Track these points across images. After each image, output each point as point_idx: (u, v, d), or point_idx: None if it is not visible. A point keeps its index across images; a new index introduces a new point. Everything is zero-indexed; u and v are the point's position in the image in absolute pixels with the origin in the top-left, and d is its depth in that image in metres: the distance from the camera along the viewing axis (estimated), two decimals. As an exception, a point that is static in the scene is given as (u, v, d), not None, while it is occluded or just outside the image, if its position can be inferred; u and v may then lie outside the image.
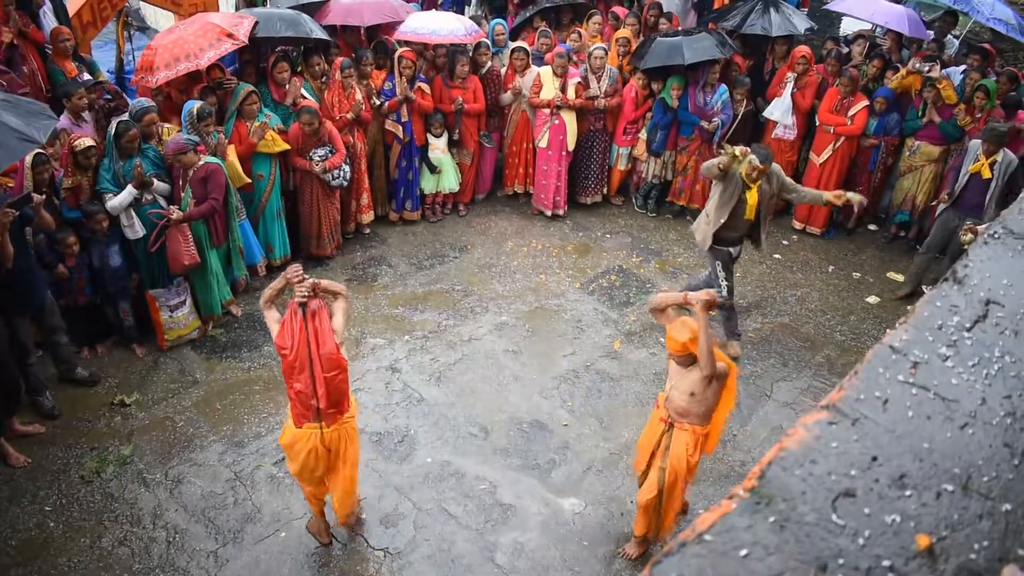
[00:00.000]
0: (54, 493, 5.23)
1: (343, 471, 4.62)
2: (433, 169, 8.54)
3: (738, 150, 6.12)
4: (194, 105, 6.57)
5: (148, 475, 5.39)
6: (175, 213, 6.18)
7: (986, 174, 7.04)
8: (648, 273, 8.00)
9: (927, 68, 7.95)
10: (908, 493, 0.99)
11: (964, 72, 8.22)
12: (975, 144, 7.22)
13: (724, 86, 8.36)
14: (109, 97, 7.10)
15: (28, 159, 5.51)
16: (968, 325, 1.24)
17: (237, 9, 9.11)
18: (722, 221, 6.35)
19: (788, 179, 6.55)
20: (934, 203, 7.95)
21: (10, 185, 5.66)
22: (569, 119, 8.53)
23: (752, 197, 6.27)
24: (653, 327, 7.06)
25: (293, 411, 4.51)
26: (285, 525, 5.03)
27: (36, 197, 5.36)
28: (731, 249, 6.63)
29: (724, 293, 6.48)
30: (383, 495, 5.26)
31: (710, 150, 8.50)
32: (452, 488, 5.33)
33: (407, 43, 8.29)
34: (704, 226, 6.56)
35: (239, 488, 5.29)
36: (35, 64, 7.23)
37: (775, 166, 6.38)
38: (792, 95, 8.31)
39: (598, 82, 8.50)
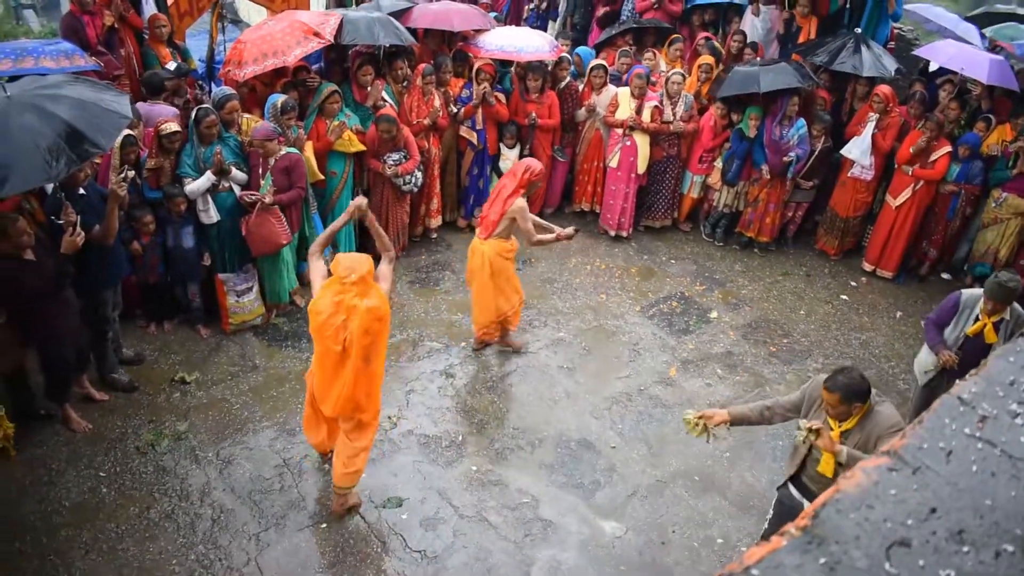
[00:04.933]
0: (110, 460, 5.38)
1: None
2: (503, 179, 8.58)
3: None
4: (279, 98, 6.71)
5: (200, 453, 5.51)
6: (268, 196, 6.34)
7: (990, 338, 5.36)
8: (710, 302, 7.91)
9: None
10: (966, 549, 0.96)
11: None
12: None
13: (802, 120, 8.24)
14: (202, 87, 7.31)
15: (118, 139, 5.70)
16: (1043, 383, 1.20)
17: (327, 8, 9.31)
18: (796, 465, 4.32)
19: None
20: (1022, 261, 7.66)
21: (97, 162, 5.87)
22: (641, 142, 8.49)
23: (828, 459, 4.06)
24: (711, 357, 6.98)
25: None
26: (328, 517, 5.08)
27: (128, 173, 5.56)
28: (797, 499, 4.37)
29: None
30: (426, 497, 5.28)
31: (783, 184, 8.39)
32: (494, 498, 5.32)
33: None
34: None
35: (286, 475, 5.37)
36: (132, 48, 7.50)
37: (886, 412, 3.97)
38: (873, 135, 8.15)
39: (673, 107, 8.46)
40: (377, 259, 4.87)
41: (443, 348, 6.83)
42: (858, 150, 8.21)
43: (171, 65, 7.17)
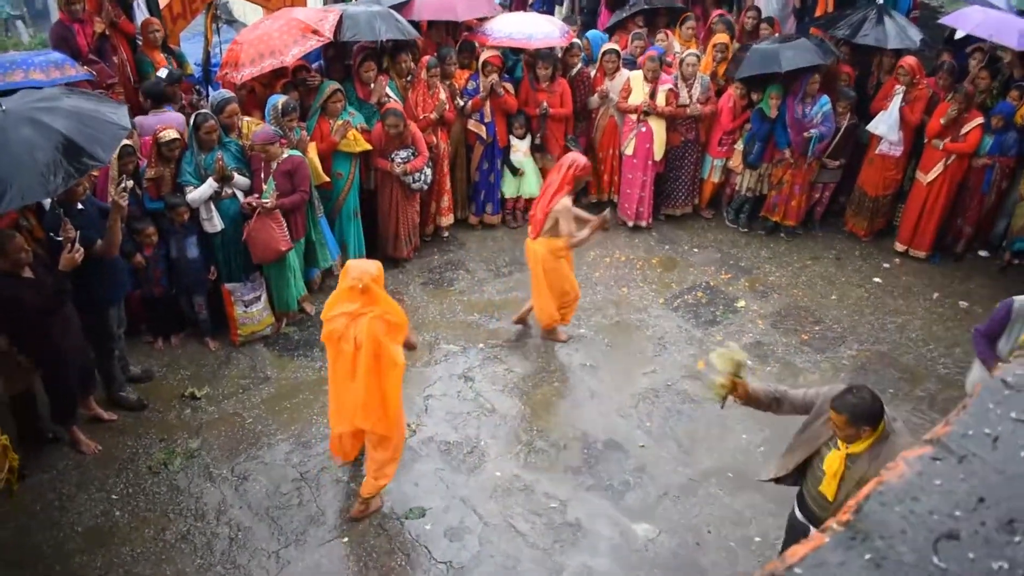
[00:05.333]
0: (122, 482, 5.41)
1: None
2: (515, 171, 8.58)
3: (722, 371, 4.00)
4: (279, 99, 6.73)
5: (214, 470, 5.54)
6: (269, 201, 6.37)
7: None
8: (737, 291, 7.89)
9: None
10: (1017, 539, 0.96)
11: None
12: None
13: (826, 97, 8.19)
14: (199, 91, 7.34)
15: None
16: (1091, 362, 1.19)
17: (325, 3, 9.32)
18: (786, 469, 4.10)
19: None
20: None
21: (95, 175, 5.91)
22: (657, 127, 8.48)
23: (833, 463, 3.76)
24: (741, 347, 6.94)
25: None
26: (349, 530, 5.10)
27: (127, 184, 5.59)
28: (801, 521, 4.12)
29: None
30: (449, 506, 5.28)
31: (808, 165, 8.35)
32: (520, 504, 5.33)
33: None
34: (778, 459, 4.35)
35: (304, 489, 5.39)
36: (125, 55, 7.52)
37: (902, 442, 3.60)
38: (900, 109, 8.08)
39: (689, 90, 8.43)
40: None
41: (460, 351, 6.84)
42: (885, 125, 8.15)
43: (162, 72, 7.19)
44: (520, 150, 8.54)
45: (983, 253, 8.68)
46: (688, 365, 6.74)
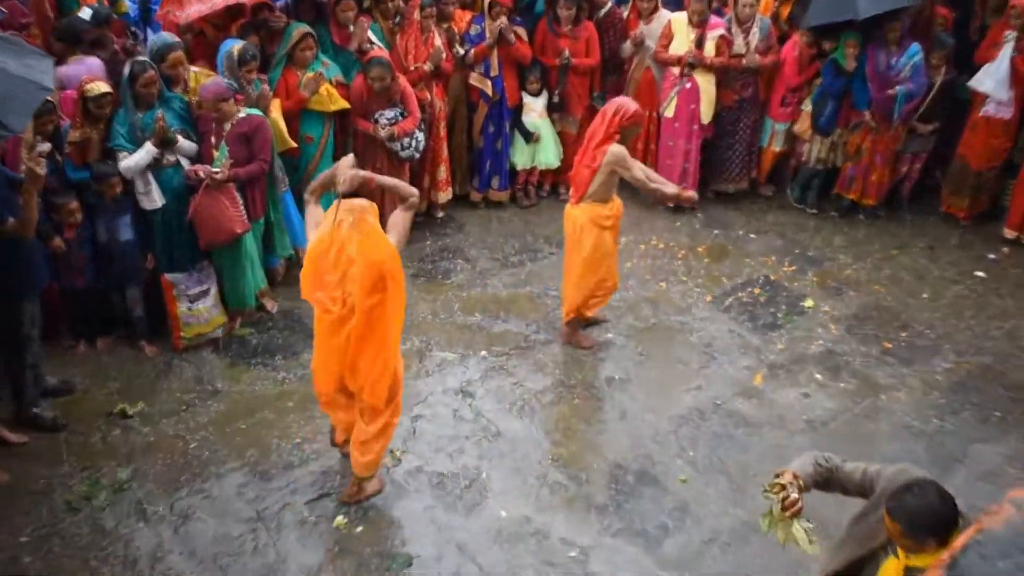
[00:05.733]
0: (33, 521, 5.34)
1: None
2: (529, 137, 8.54)
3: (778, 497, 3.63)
4: (234, 45, 6.68)
5: (149, 506, 5.47)
6: (221, 171, 6.32)
7: None
8: (803, 287, 7.83)
9: None
10: None
11: None
12: None
13: (916, 45, 8.12)
14: (135, 34, 7.29)
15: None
16: None
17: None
18: (834, 568, 3.72)
19: None
20: None
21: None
22: (705, 83, 8.44)
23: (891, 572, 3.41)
24: (807, 359, 6.89)
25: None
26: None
27: (42, 147, 5.53)
28: None
29: None
30: (443, 554, 5.23)
31: (895, 130, 8.26)
32: (531, 552, 5.26)
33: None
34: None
35: (261, 532, 5.34)
36: (43, -12, 7.47)
37: None
38: (1011, 60, 7.98)
39: (746, 37, 8.38)
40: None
41: (458, 360, 6.80)
42: (992, 81, 8.05)
43: (85, 13, 7.12)
44: (535, 110, 8.50)
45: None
46: (742, 380, 6.68)
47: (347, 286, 4.67)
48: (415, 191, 5.22)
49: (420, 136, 7.57)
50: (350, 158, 5.16)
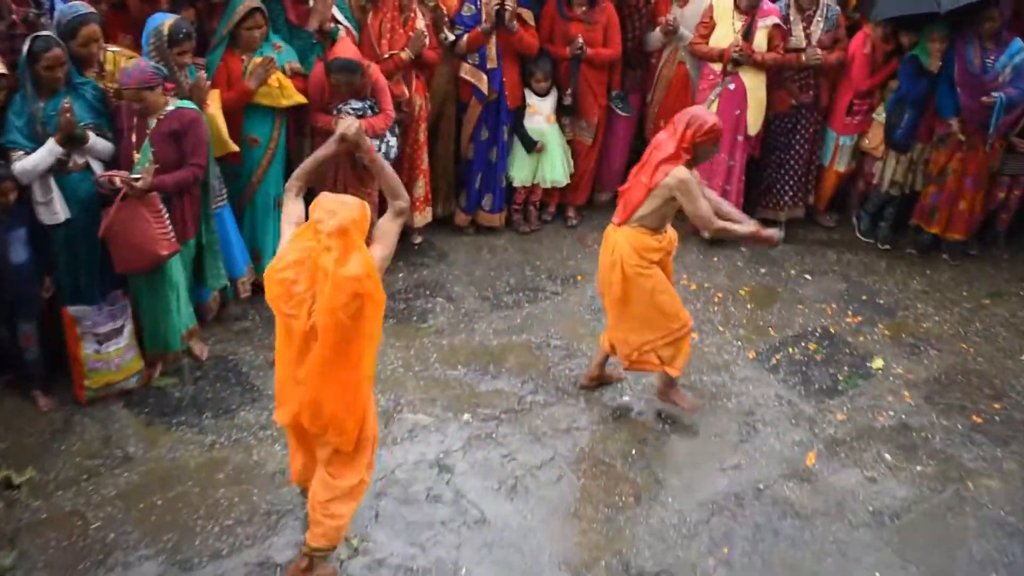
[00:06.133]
0: None
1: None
2: (532, 146, 8.54)
3: None
4: (164, 21, 6.63)
5: (37, 603, 5.38)
6: (143, 178, 6.24)
7: None
8: (871, 343, 7.82)
9: None
10: None
11: None
12: None
13: (1020, 41, 8.15)
14: (39, 2, 7.24)
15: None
16: None
17: None
18: None
19: None
20: None
21: None
22: (753, 84, 8.46)
23: None
24: (873, 433, 6.85)
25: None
26: None
27: None
28: None
29: None
30: (407, 676, 5.14)
31: (990, 147, 8.22)
32: None
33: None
34: None
35: (178, 638, 5.25)
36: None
37: None
38: None
39: (806, 27, 8.39)
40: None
41: (434, 425, 6.74)
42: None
43: None
44: (541, 113, 8.51)
45: None
46: (792, 458, 6.63)
47: (317, 301, 4.66)
48: (406, 196, 5.30)
49: (392, 141, 7.56)
50: (351, 122, 5.32)
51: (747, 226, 6.31)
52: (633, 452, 6.60)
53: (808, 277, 8.53)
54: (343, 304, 4.58)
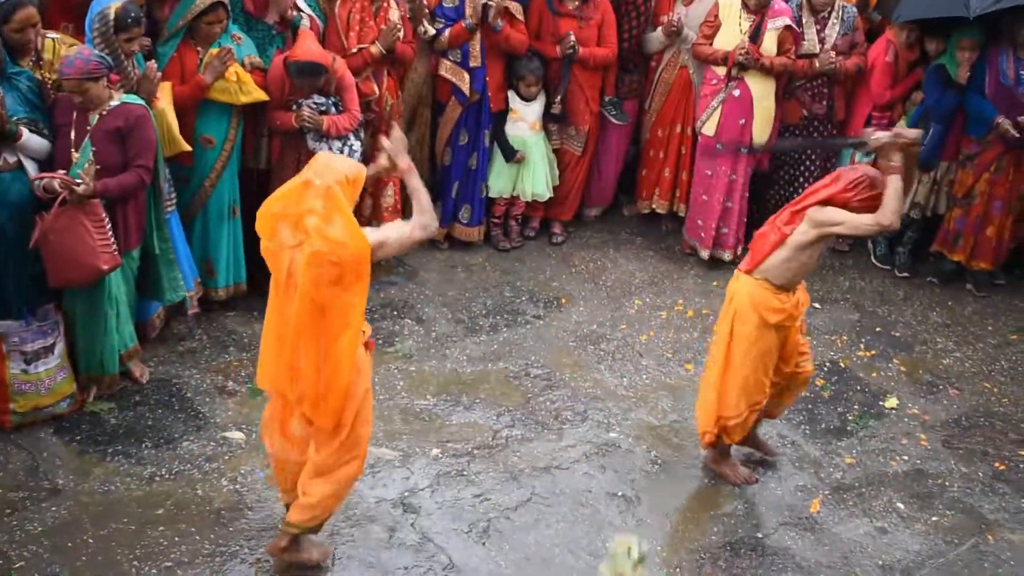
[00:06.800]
0: None
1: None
2: (511, 156, 8.53)
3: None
4: (111, 5, 6.62)
5: (-50, 652, 5.37)
6: (82, 181, 6.22)
7: None
8: (885, 380, 7.84)
9: None
10: None
11: None
12: None
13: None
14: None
15: None
16: None
17: None
18: None
19: None
20: None
21: None
22: (760, 91, 8.50)
23: None
24: (885, 480, 6.87)
25: None
26: None
27: None
28: None
29: None
30: None
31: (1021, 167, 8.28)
32: None
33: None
34: None
35: None
36: None
37: None
38: None
39: (820, 30, 8.42)
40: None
41: (399, 460, 6.73)
42: None
43: None
44: (525, 119, 8.52)
45: None
46: (794, 506, 6.64)
47: (295, 261, 4.79)
48: (434, 220, 5.28)
49: (356, 145, 7.57)
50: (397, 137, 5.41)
51: (892, 179, 5.76)
52: (619, 494, 6.59)
53: (817, 306, 8.53)
54: (323, 269, 4.73)
